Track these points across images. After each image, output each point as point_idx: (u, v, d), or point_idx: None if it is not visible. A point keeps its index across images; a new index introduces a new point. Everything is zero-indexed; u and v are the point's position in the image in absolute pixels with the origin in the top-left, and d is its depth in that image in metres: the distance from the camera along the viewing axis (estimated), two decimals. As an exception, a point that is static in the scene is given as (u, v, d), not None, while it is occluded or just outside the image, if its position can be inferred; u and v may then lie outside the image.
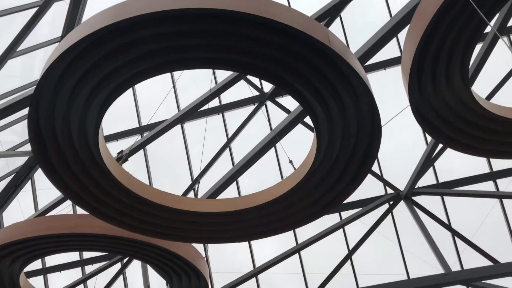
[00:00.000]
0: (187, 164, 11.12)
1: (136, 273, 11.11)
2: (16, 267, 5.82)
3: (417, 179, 9.88)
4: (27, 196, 11.78)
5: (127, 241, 5.60)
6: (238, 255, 11.54)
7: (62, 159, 4.44)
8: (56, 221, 5.38)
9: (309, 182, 4.89)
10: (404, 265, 10.34)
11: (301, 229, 10.68)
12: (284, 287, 11.72)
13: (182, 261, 6.04)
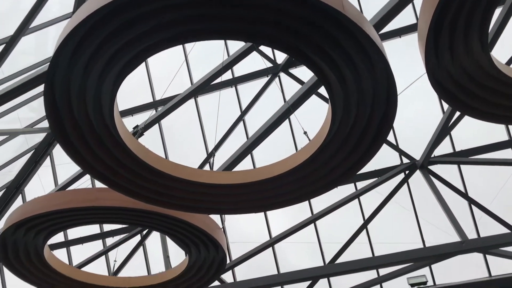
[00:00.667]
0: (201, 138, 11.19)
1: (156, 244, 11.37)
2: (40, 240, 6.01)
3: (433, 148, 9.79)
4: (47, 171, 12.05)
5: (145, 213, 5.71)
6: (254, 225, 11.72)
7: (79, 134, 4.50)
8: (77, 195, 5.50)
9: (324, 152, 4.88)
10: (420, 234, 10.40)
11: (316, 200, 10.77)
12: (300, 257, 11.89)
13: (200, 232, 6.15)
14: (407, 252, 8.82)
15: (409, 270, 9.62)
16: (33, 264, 6.40)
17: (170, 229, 6.29)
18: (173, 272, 7.56)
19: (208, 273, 7.38)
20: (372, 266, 9.18)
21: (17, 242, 5.98)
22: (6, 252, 6.19)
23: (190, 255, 6.94)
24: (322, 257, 11.15)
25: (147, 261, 12.20)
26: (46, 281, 6.91)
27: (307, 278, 9.75)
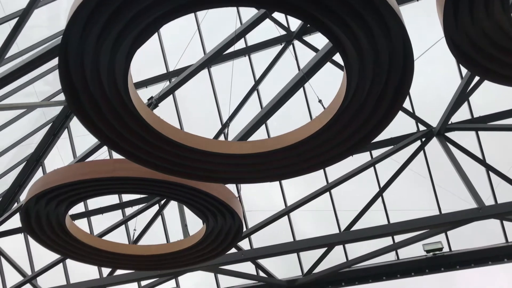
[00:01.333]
0: (215, 108, 11.19)
1: (174, 213, 11.60)
2: (61, 210, 6.18)
3: (451, 114, 9.65)
4: (65, 143, 12.26)
5: (162, 183, 5.80)
6: (270, 194, 11.84)
7: (95, 106, 4.55)
8: (95, 166, 5.61)
9: (339, 120, 4.85)
10: (436, 201, 10.38)
11: (331, 169, 10.77)
12: (315, 225, 12.03)
13: (216, 201, 6.24)
14: (423, 219, 8.84)
15: (424, 237, 9.66)
16: (56, 233, 6.61)
17: (187, 199, 6.40)
18: (191, 240, 7.72)
19: (225, 241, 7.53)
20: (387, 233, 9.24)
21: (40, 212, 6.16)
22: (30, 222, 6.39)
23: (207, 224, 7.07)
24: (338, 225, 11.26)
25: (165, 230, 12.49)
26: (68, 250, 7.14)
27: (323, 245, 9.88)
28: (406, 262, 11.04)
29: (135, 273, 10.95)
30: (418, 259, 10.86)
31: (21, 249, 13.42)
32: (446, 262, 10.50)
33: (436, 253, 10.36)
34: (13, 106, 10.70)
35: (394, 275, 11.10)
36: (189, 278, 13.22)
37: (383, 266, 11.24)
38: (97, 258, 7.45)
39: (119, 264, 8.11)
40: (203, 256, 8.02)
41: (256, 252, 10.46)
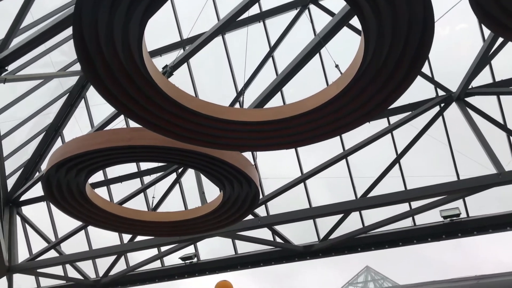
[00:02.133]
0: (230, 76, 11.11)
1: (191, 181, 11.75)
2: (81, 178, 6.31)
3: (471, 78, 9.40)
4: (82, 113, 12.39)
5: (179, 152, 5.84)
6: (286, 162, 11.87)
7: (110, 75, 4.54)
8: (113, 135, 5.66)
9: (356, 85, 4.77)
10: (454, 168, 10.26)
11: (348, 136, 10.71)
12: (331, 193, 12.08)
13: (233, 169, 6.27)
14: (441, 185, 8.77)
15: (442, 203, 9.62)
16: (76, 200, 6.77)
17: (204, 167, 6.44)
18: (209, 207, 7.83)
19: (241, 207, 7.61)
20: (404, 199, 9.21)
21: (60, 181, 6.30)
22: (51, 190, 6.55)
23: (224, 191, 7.14)
24: (354, 192, 11.26)
25: (183, 198, 12.70)
26: (89, 217, 7.33)
27: (339, 211, 9.93)
28: (422, 228, 11.07)
29: (155, 239, 11.24)
30: (435, 225, 10.87)
31: (45, 217, 13.85)
32: (463, 228, 10.49)
33: (454, 219, 10.34)
34: (30, 77, 10.80)
35: (411, 241, 11.16)
36: (208, 244, 13.52)
37: (399, 232, 11.29)
38: (117, 225, 7.63)
39: (139, 230, 8.30)
40: (221, 222, 8.14)
41: (272, 218, 10.58)
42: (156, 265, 13.98)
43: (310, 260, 12.60)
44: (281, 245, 12.12)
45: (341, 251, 12.00)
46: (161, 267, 13.98)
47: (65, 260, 12.72)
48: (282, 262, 12.86)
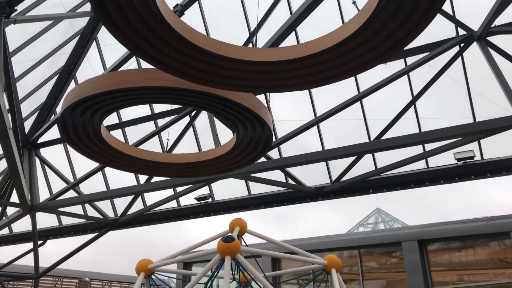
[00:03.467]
0: (243, 15, 10.80)
1: (205, 124, 11.81)
2: (96, 120, 6.35)
3: (495, 17, 8.98)
4: (95, 56, 12.30)
5: (191, 93, 5.80)
6: (300, 104, 11.78)
7: (121, 14, 4.43)
8: (125, 76, 5.61)
9: (373, 23, 4.58)
10: (471, 109, 10.07)
11: (363, 79, 10.50)
12: (345, 135, 12.04)
13: (246, 111, 6.23)
14: (456, 127, 8.62)
15: (456, 146, 9.55)
16: (92, 142, 6.86)
17: (217, 109, 6.42)
18: (222, 149, 7.89)
19: (255, 150, 7.65)
20: (419, 142, 9.12)
21: (76, 122, 6.35)
22: (67, 132, 6.63)
23: (237, 134, 7.15)
24: (368, 134, 11.22)
25: (197, 140, 12.83)
26: (106, 158, 7.46)
27: (352, 153, 9.94)
28: (435, 170, 11.10)
29: (170, 180, 11.49)
30: (448, 167, 10.87)
31: (63, 159, 14.19)
32: (477, 170, 10.49)
33: (467, 162, 10.31)
34: (39, 18, 10.63)
35: (423, 183, 11.24)
36: (222, 185, 13.82)
37: (412, 174, 11.36)
38: (133, 166, 7.78)
39: (154, 171, 8.46)
40: (234, 164, 8.23)
41: (285, 160, 10.67)
42: (173, 205, 14.43)
43: (319, 201, 12.86)
44: (293, 187, 12.33)
45: (353, 192, 12.18)
46: (177, 207, 14.43)
47: (84, 200, 13.17)
48: (295, 202, 13.16)
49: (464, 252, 14.52)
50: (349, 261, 16.51)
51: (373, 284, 16.03)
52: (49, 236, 16.39)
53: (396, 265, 15.90)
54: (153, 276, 5.42)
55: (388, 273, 16.35)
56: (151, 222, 15.12)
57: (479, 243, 14.01)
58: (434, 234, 14.46)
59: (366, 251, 16.27)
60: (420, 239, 14.55)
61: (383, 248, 15.92)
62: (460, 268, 14.63)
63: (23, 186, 11.76)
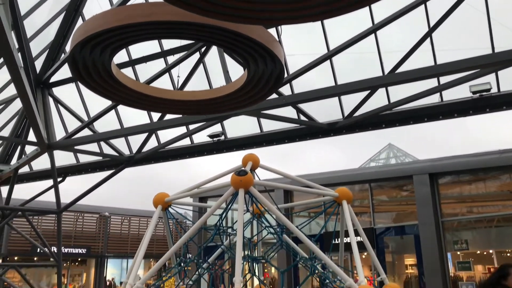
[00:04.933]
0: None
1: (215, 60, 11.65)
2: (106, 57, 6.29)
3: None
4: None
5: (200, 27, 5.66)
6: (312, 37, 11.48)
7: None
8: (132, 10, 5.47)
9: None
10: (490, 39, 9.70)
11: (378, 9, 10.10)
12: (358, 70, 11.82)
13: (257, 45, 6.09)
14: (473, 59, 8.35)
15: (473, 78, 9.33)
16: (104, 79, 6.85)
17: (227, 43, 6.28)
18: (233, 86, 7.82)
19: (266, 86, 7.57)
20: (433, 74, 8.90)
21: (86, 60, 6.31)
22: (78, 70, 6.60)
23: (248, 69, 7.05)
24: (382, 68, 10.98)
25: (208, 77, 12.73)
26: (118, 95, 7.48)
27: (365, 88, 9.79)
28: (450, 104, 10.94)
29: (183, 117, 11.57)
30: (463, 100, 10.70)
31: (76, 98, 14.29)
32: (493, 103, 10.31)
33: (483, 94, 10.12)
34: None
35: (436, 117, 11.14)
36: (234, 123, 13.90)
37: (425, 108, 11.24)
38: (145, 103, 7.79)
39: (166, 109, 8.49)
40: (246, 101, 8.19)
41: (297, 97, 10.58)
42: (186, 142, 14.64)
43: (331, 140, 12.90)
44: (305, 123, 12.34)
45: (365, 127, 12.16)
46: (191, 144, 14.65)
47: (99, 138, 13.41)
48: (306, 138, 13.24)
49: (474, 185, 14.68)
50: (360, 195, 16.85)
51: (383, 217, 16.47)
52: (68, 173, 16.92)
53: (406, 198, 16.22)
54: (170, 209, 5.62)
55: (399, 206, 16.72)
56: (165, 159, 15.44)
57: (490, 176, 14.12)
58: (446, 168, 14.57)
59: (377, 185, 16.55)
60: (431, 173, 14.71)
61: (394, 182, 16.17)
62: (470, 200, 14.87)
63: (39, 125, 11.96)
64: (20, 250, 26.79)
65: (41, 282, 29.00)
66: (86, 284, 31.16)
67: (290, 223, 4.75)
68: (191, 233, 4.85)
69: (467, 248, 14.05)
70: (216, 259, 6.26)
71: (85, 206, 29.87)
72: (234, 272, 4.04)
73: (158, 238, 32.07)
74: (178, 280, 5.86)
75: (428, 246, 14.06)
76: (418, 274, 14.64)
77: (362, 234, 5.58)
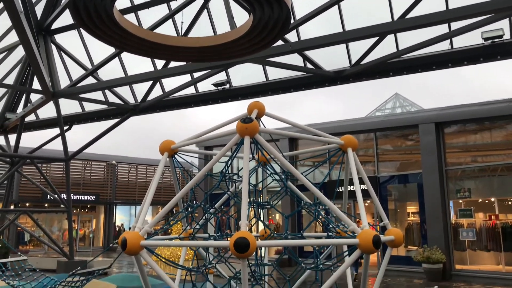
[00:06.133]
0: None
1: (219, 5, 11.33)
2: (108, 2, 6.13)
3: None
4: None
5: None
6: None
7: None
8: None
9: None
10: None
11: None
12: (367, 16, 11.46)
13: (263, -12, 5.88)
14: (486, 3, 8.04)
15: (485, 23, 9.03)
16: (106, 25, 6.70)
17: (232, -14, 6.08)
18: (238, 31, 7.64)
19: (272, 32, 7.38)
20: (444, 20, 8.61)
21: (87, 5, 6.14)
22: (80, 15, 6.45)
23: (253, 14, 6.86)
24: (391, 13, 10.64)
25: (212, 23, 12.43)
26: (121, 41, 7.34)
27: (374, 34, 9.54)
28: (460, 51, 10.69)
29: (187, 65, 11.42)
30: (473, 47, 10.44)
31: (79, 46, 14.08)
32: (505, 50, 10.06)
33: (495, 41, 9.85)
34: None
35: (445, 64, 10.93)
36: (239, 71, 13.73)
37: (434, 55, 11.00)
38: (148, 50, 7.66)
39: (170, 55, 8.35)
40: (251, 48, 8.02)
41: (304, 43, 10.35)
42: (191, 91, 14.55)
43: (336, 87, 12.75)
44: (312, 71, 12.16)
45: (372, 75, 11.99)
46: (195, 93, 14.57)
47: (104, 86, 13.34)
48: (313, 87, 13.11)
49: (480, 135, 14.65)
50: (364, 144, 16.90)
51: (387, 166, 16.59)
52: (74, 121, 17.01)
53: (411, 147, 16.25)
54: (176, 156, 5.66)
55: (403, 155, 16.79)
56: (170, 107, 15.43)
57: (497, 125, 14.04)
58: (452, 117, 14.48)
59: (382, 134, 16.54)
60: (437, 122, 14.64)
61: (399, 131, 16.14)
62: (475, 149, 14.89)
63: (42, 72, 11.87)
64: (31, 197, 27.51)
65: (52, 227, 29.99)
66: (96, 230, 32.20)
67: (294, 169, 4.79)
68: (198, 178, 4.92)
69: (470, 196, 14.23)
70: (222, 205, 6.39)
71: (93, 154, 30.27)
72: (240, 217, 4.14)
73: (165, 186, 32.69)
74: (185, 225, 6.02)
75: (431, 194, 14.25)
76: (419, 222, 14.96)
77: (367, 181, 5.63)
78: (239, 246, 3.85)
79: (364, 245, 4.21)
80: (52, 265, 16.08)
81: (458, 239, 14.13)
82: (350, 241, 4.39)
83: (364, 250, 4.25)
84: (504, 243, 13.43)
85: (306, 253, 15.70)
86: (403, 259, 14.91)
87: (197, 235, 5.90)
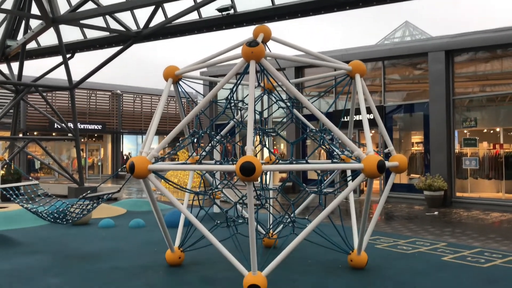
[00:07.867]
0: None
1: None
2: None
3: None
4: None
5: None
6: None
7: None
8: None
9: None
10: None
11: None
12: None
13: None
14: None
15: None
16: None
17: None
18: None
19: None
20: None
21: None
22: None
23: None
24: None
25: None
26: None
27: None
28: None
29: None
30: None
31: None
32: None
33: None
34: None
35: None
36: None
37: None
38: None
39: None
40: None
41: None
42: (194, 17, 14.07)
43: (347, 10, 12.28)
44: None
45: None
46: (199, 19, 14.10)
47: (104, 11, 12.92)
48: (321, 12, 12.64)
49: (490, 63, 14.28)
50: (372, 74, 16.59)
51: (394, 96, 16.40)
52: (76, 49, 16.71)
53: (419, 76, 15.94)
54: (180, 82, 5.59)
55: (411, 84, 16.53)
56: (173, 34, 15.04)
57: (509, 52, 13.62)
58: (463, 44, 14.03)
59: (390, 62, 16.16)
60: (447, 50, 14.22)
61: (408, 59, 15.74)
62: (484, 78, 14.60)
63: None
64: (38, 126, 27.77)
65: (61, 156, 30.59)
66: (104, 158, 32.83)
67: (301, 95, 4.73)
68: (203, 104, 4.88)
69: (475, 125, 14.18)
70: (228, 132, 6.40)
71: (97, 84, 30.09)
72: (245, 144, 4.15)
73: (171, 116, 32.80)
74: (191, 151, 6.08)
75: (437, 123, 14.19)
76: (423, 151, 15.05)
77: (374, 109, 5.58)
78: (245, 169, 3.90)
79: (368, 170, 4.24)
80: (63, 191, 16.60)
81: (461, 168, 14.31)
82: (355, 166, 4.43)
83: (368, 174, 4.29)
84: (506, 172, 13.61)
85: (310, 182, 16.04)
86: (405, 186, 15.23)
87: (203, 161, 5.98)
